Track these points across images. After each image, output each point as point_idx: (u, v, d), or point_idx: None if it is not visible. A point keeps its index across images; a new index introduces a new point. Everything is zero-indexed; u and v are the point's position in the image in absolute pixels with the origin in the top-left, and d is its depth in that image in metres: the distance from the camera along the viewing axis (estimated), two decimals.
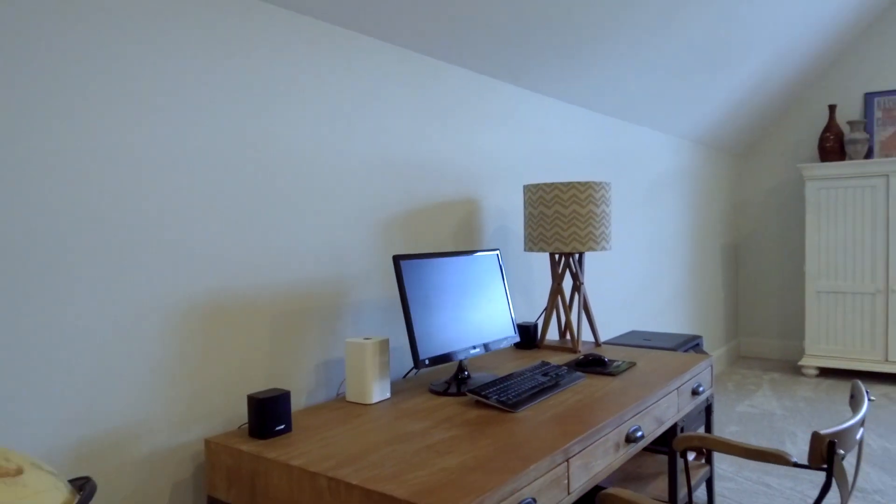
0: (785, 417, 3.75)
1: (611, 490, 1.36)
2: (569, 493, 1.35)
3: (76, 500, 0.88)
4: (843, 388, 4.37)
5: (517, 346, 2.43)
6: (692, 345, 2.69)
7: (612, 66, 2.93)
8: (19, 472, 0.85)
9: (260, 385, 1.66)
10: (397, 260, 1.71)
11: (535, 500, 1.22)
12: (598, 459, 1.47)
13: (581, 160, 3.17)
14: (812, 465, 1.19)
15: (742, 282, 5.59)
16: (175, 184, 1.47)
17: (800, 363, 4.77)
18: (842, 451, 1.21)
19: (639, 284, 3.76)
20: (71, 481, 0.96)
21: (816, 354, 4.72)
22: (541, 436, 1.39)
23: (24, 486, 0.83)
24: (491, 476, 1.17)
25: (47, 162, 1.26)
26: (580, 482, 1.40)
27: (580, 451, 1.39)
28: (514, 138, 2.67)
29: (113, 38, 1.35)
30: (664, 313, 4.13)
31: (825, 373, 4.84)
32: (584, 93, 3.03)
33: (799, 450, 3.22)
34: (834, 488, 2.70)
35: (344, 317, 1.90)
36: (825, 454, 1.21)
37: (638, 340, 2.73)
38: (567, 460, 1.34)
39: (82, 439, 1.31)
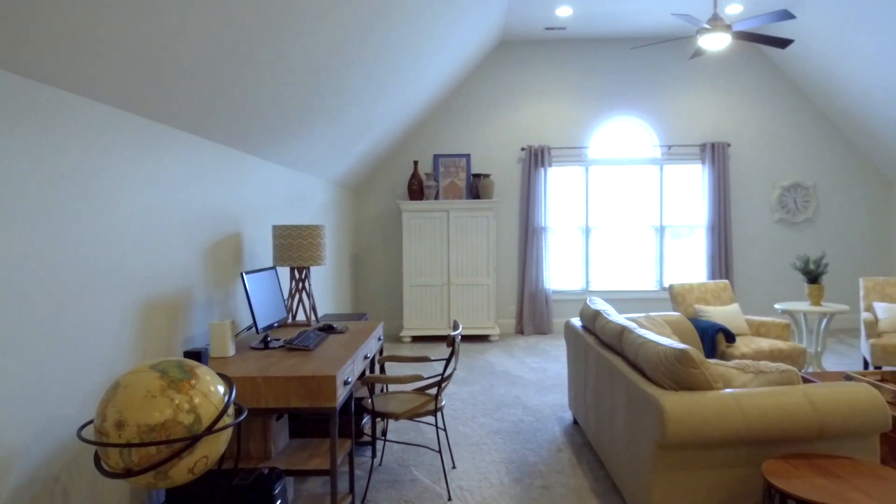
0: (400, 365, 5.90)
1: (368, 376, 3.02)
2: (354, 376, 2.96)
3: (230, 387, 2.12)
4: (427, 348, 6.83)
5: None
6: (365, 317, 4.49)
7: (301, 139, 4.54)
8: (199, 366, 2.07)
9: (166, 348, 2.79)
10: (243, 273, 3.03)
11: (350, 379, 2.80)
12: (357, 364, 3.10)
13: (285, 201, 4.68)
14: (448, 345, 3.06)
15: (362, 280, 7.75)
16: (123, 241, 2.56)
17: (401, 334, 7.12)
18: (457, 340, 3.12)
19: (318, 283, 5.42)
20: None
21: (410, 328, 7.12)
22: (335, 356, 2.95)
23: (207, 375, 2.06)
24: (334, 366, 2.71)
25: (80, 240, 2.30)
26: (354, 374, 3.01)
27: (354, 361, 3.01)
28: (252, 190, 4.05)
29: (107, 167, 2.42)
30: (332, 301, 5.90)
31: (416, 339, 7.30)
32: (286, 156, 4.56)
33: None
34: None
35: (190, 308, 3.08)
36: (452, 343, 3.09)
37: (334, 317, 4.40)
38: (353, 363, 2.95)
39: (101, 383, 2.36)
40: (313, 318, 4.03)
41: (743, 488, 2.46)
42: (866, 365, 5.18)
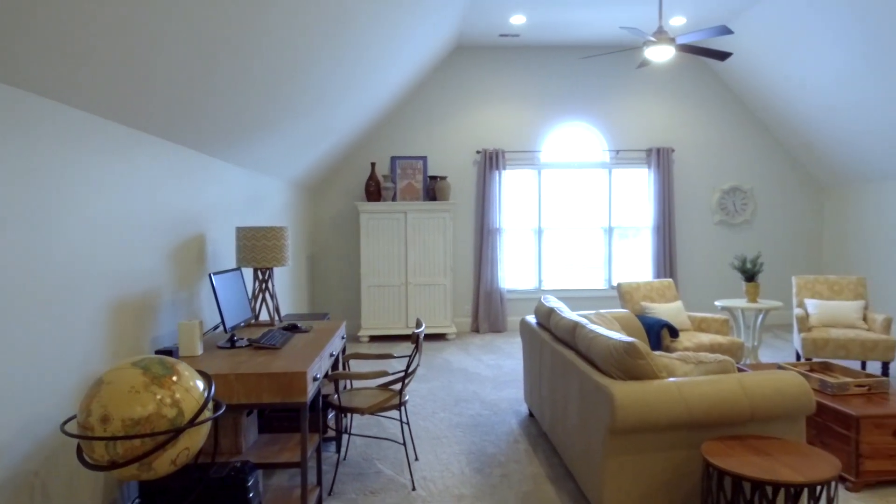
0: (360, 363, 6.01)
1: (335, 372, 3.13)
2: (321, 373, 3.07)
3: (209, 383, 2.21)
4: (385, 347, 6.94)
5: None
6: (326, 317, 4.58)
7: (261, 142, 4.61)
8: (179, 363, 2.16)
9: (135, 348, 2.84)
10: (211, 275, 3.11)
11: (318, 375, 2.91)
12: (324, 361, 3.21)
13: (245, 203, 4.73)
14: (412, 342, 3.20)
15: (319, 280, 7.81)
16: (95, 242, 2.61)
17: (359, 334, 7.21)
18: (421, 337, 3.26)
19: (277, 284, 5.47)
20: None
21: (368, 327, 7.22)
22: (303, 354, 3.05)
23: (186, 371, 2.15)
24: (303, 363, 2.81)
25: (67, 244, 2.35)
26: (322, 371, 3.12)
27: (321, 358, 3.12)
28: (214, 192, 4.10)
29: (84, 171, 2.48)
30: (290, 301, 5.95)
31: (374, 339, 7.41)
32: (246, 158, 4.62)
33: None
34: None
35: (158, 309, 3.14)
36: (416, 340, 3.23)
37: (296, 317, 4.48)
38: (320, 360, 3.06)
39: (77, 381, 2.41)
40: (277, 317, 4.10)
41: (685, 468, 2.69)
42: (798, 357, 5.56)
